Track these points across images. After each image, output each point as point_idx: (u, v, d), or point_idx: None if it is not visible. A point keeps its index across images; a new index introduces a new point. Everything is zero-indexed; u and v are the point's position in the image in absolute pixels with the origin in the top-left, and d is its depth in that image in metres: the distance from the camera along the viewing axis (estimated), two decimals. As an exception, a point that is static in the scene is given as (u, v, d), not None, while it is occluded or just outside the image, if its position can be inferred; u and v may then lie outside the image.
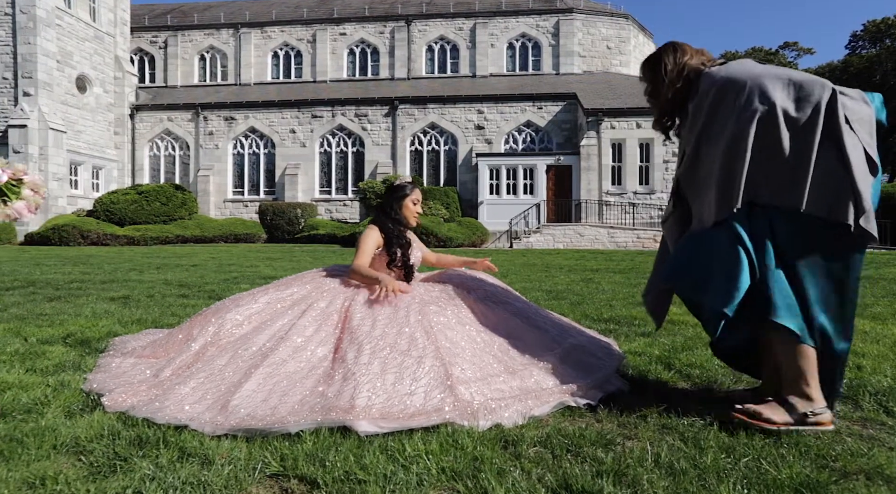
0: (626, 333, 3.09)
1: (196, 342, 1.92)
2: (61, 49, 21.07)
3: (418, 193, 2.53)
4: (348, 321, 1.92)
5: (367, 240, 2.41)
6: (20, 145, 19.94)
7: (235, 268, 8.02)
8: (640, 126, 19.10)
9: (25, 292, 4.77)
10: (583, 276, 7.07)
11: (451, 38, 25.16)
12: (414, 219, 2.50)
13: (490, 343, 1.92)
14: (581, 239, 17.52)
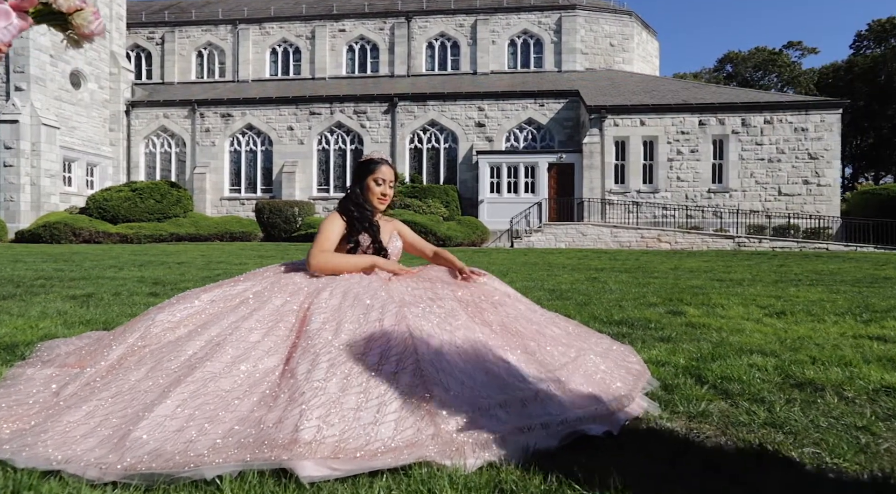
0: (641, 337, 2.70)
1: (116, 348, 1.53)
2: (55, 43, 20.69)
3: (386, 170, 2.15)
4: (305, 324, 1.52)
5: (327, 225, 2.04)
6: (11, 141, 19.58)
7: (223, 266, 7.63)
8: (643, 124, 18.71)
9: (-17, 289, 4.38)
10: (587, 275, 6.68)
11: (451, 34, 24.78)
12: (379, 201, 2.13)
13: (486, 357, 1.53)
14: (583, 239, 17.12)
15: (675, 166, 18.61)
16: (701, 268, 7.94)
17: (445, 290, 1.87)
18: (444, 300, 1.78)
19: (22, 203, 19.47)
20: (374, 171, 2.16)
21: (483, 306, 1.82)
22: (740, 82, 38.77)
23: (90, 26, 1.18)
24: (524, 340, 1.69)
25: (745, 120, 18.10)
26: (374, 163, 2.19)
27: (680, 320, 3.26)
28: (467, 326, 1.65)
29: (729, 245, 16.01)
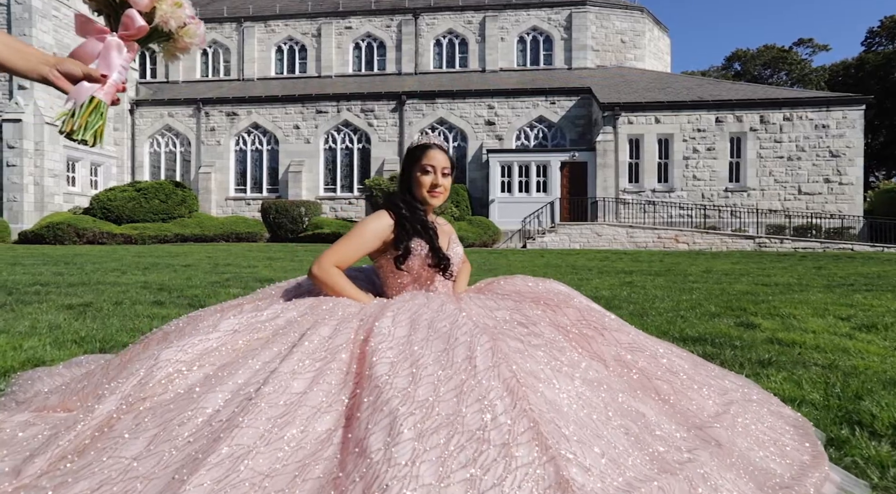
0: (734, 359, 2.27)
1: (107, 399, 1.11)
2: (58, 41, 20.40)
3: (437, 155, 1.70)
4: (367, 366, 1.10)
5: (364, 228, 1.64)
6: (15, 140, 19.27)
7: (231, 269, 7.23)
8: (658, 121, 18.24)
9: (-28, 297, 3.99)
10: (619, 279, 6.24)
11: (459, 31, 24.35)
12: (430, 195, 1.69)
13: (612, 406, 1.11)
14: (598, 239, 16.66)
15: (691, 165, 18.13)
16: (735, 271, 7.49)
17: (535, 311, 1.44)
18: (540, 326, 1.35)
19: (25, 203, 19.15)
20: (422, 157, 1.72)
21: (586, 332, 1.39)
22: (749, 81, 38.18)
23: (194, 40, 1.22)
24: (650, 379, 1.26)
25: (763, 117, 17.59)
26: (421, 148, 1.75)
27: (759, 335, 2.83)
28: (580, 363, 1.22)
29: (749, 246, 15.53)
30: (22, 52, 1.07)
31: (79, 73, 1.12)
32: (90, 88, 1.14)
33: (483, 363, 1.09)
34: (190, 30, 1.25)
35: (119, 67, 1.18)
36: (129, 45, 1.20)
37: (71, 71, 1.10)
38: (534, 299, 1.54)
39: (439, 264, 1.67)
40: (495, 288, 1.72)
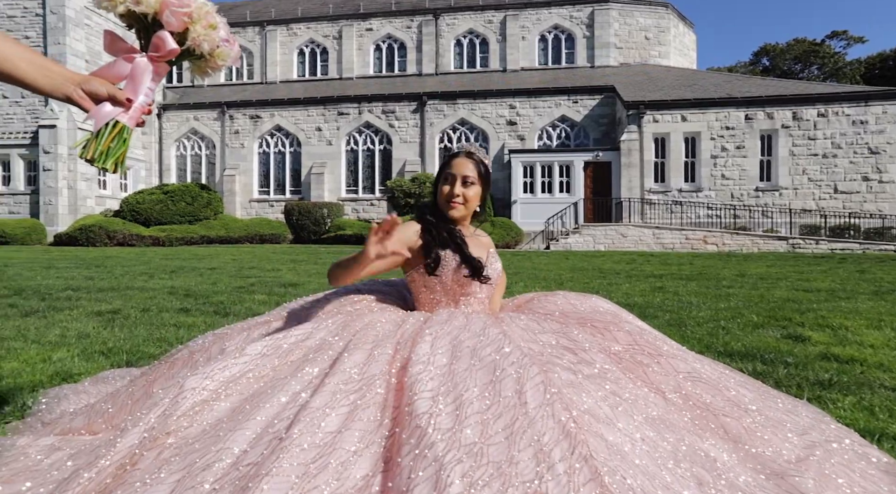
0: (789, 379, 2.11)
1: (129, 433, 1.04)
2: (90, 49, 20.98)
3: (460, 163, 1.64)
4: (406, 400, 1.01)
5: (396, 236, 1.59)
6: (50, 145, 19.89)
7: (255, 272, 7.26)
8: (685, 119, 17.80)
9: (4, 303, 4.05)
10: (650, 284, 6.05)
11: (480, 31, 24.21)
12: (448, 205, 1.62)
13: (680, 450, 0.99)
14: (623, 240, 16.33)
15: (720, 164, 17.63)
16: (771, 274, 7.20)
17: (582, 335, 1.33)
18: (590, 353, 1.24)
19: (60, 206, 19.74)
20: (445, 165, 1.67)
21: (640, 359, 1.27)
22: (778, 76, 37.02)
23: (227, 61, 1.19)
24: (716, 415, 1.14)
25: (796, 113, 17.00)
26: (448, 156, 1.70)
27: (811, 349, 2.66)
28: (639, 398, 1.11)
29: (782, 247, 15.01)
30: (47, 70, 1.03)
31: (104, 93, 1.07)
32: (112, 110, 1.09)
33: (534, 399, 0.98)
34: (223, 52, 1.20)
35: (146, 89, 1.12)
36: (158, 67, 1.14)
37: (96, 91, 1.06)
38: (579, 320, 1.43)
39: (474, 271, 1.57)
40: (535, 307, 1.61)
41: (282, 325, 1.53)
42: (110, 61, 1.14)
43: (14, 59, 0.99)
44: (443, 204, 1.65)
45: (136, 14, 1.11)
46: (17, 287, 5.10)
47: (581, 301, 1.58)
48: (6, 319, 3.43)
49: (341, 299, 1.66)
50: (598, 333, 1.36)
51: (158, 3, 1.09)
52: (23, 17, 20.29)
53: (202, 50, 1.15)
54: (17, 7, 20.32)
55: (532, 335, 1.33)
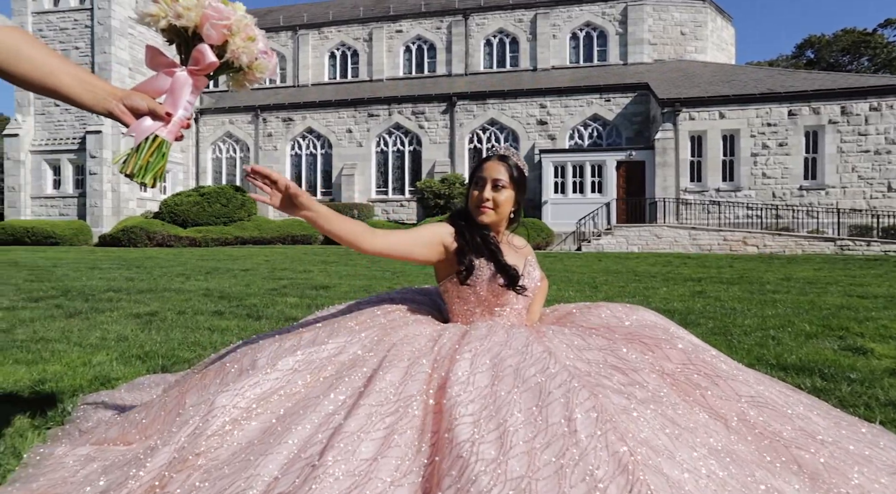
0: (864, 401, 1.94)
1: (159, 452, 1.01)
2: (133, 57, 21.80)
3: (490, 167, 1.56)
4: (445, 425, 0.94)
5: (423, 225, 1.56)
6: (96, 150, 20.77)
7: (287, 274, 7.35)
8: (723, 116, 17.19)
9: (51, 304, 4.20)
10: (688, 288, 5.82)
11: (510, 30, 24.02)
12: (477, 209, 1.55)
13: (750, 487, 0.89)
14: (658, 241, 15.89)
15: (760, 162, 16.95)
16: (820, 279, 6.83)
17: (632, 353, 1.23)
18: (642, 373, 1.15)
19: (104, 208, 20.59)
20: (476, 169, 1.61)
21: (697, 380, 1.17)
22: (824, 69, 35.37)
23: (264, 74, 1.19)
24: (787, 446, 1.03)
25: (844, 108, 16.18)
26: (481, 160, 1.63)
27: (876, 363, 2.46)
28: (699, 426, 1.01)
29: (829, 248, 14.30)
30: (90, 85, 1.05)
31: (144, 108, 1.09)
32: (152, 125, 1.10)
33: (585, 427, 0.90)
34: (261, 64, 1.20)
35: (186, 103, 1.14)
36: (197, 80, 1.15)
37: (137, 105, 1.08)
38: (627, 335, 1.33)
39: (509, 281, 1.50)
40: (578, 319, 1.52)
41: (313, 336, 1.49)
42: (151, 76, 1.16)
43: (59, 74, 1.01)
44: (473, 209, 1.58)
45: (176, 28, 1.13)
46: (64, 288, 5.29)
47: (628, 314, 1.48)
48: (52, 320, 3.54)
49: (374, 308, 1.61)
50: (648, 350, 1.26)
51: (199, 16, 1.10)
52: (73, 29, 21.26)
53: (241, 62, 1.16)
54: (68, 20, 21.32)
55: (577, 353, 1.24)
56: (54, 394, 1.91)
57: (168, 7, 1.11)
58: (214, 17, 1.10)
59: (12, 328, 3.25)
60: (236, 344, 1.60)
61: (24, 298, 4.55)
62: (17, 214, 21.22)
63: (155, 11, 1.12)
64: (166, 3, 1.12)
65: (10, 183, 21.54)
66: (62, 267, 8.17)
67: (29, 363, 2.34)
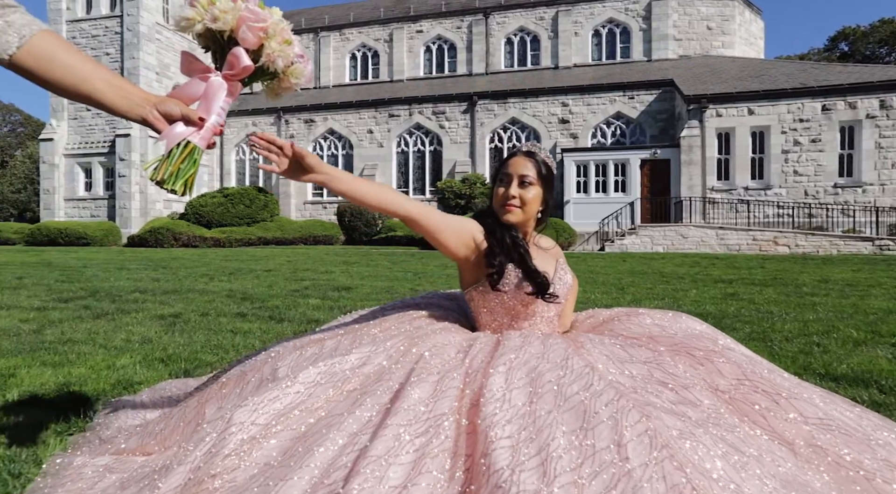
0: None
1: (172, 473, 0.96)
2: (160, 61, 22.30)
3: (516, 162, 1.47)
4: (480, 450, 0.86)
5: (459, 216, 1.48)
6: (125, 153, 21.31)
7: (309, 274, 7.37)
8: (752, 112, 16.68)
9: (80, 305, 4.26)
10: (720, 290, 5.61)
11: (531, 28, 23.79)
12: (502, 208, 1.46)
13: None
14: (684, 241, 15.50)
15: (792, 159, 16.40)
16: (860, 281, 6.53)
17: (679, 366, 1.13)
18: (693, 391, 1.05)
19: (132, 210, 21.11)
20: (502, 165, 1.52)
21: (755, 398, 1.07)
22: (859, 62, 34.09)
23: (300, 80, 1.15)
24: (871, 480, 0.92)
25: (884, 102, 15.53)
26: (507, 156, 1.54)
27: (932, 374, 2.28)
28: (763, 452, 0.90)
29: (866, 248, 13.74)
30: (124, 90, 1.02)
31: (178, 113, 1.06)
32: (184, 131, 1.07)
33: (638, 454, 0.81)
34: (297, 69, 1.17)
35: (219, 109, 1.11)
36: (232, 86, 1.12)
37: (170, 111, 1.05)
38: (672, 346, 1.23)
39: (538, 288, 1.40)
40: (617, 328, 1.42)
41: (335, 344, 1.42)
42: (186, 82, 1.13)
43: (93, 80, 0.99)
44: (497, 208, 1.48)
45: (212, 33, 1.11)
46: (92, 288, 5.38)
47: (671, 322, 1.38)
48: (80, 321, 3.58)
49: (399, 314, 1.53)
50: (697, 364, 1.16)
51: (235, 18, 1.07)
52: (104, 36, 21.86)
53: (276, 67, 1.13)
54: (99, 27, 21.92)
55: (619, 366, 1.15)
56: (78, 398, 1.89)
57: (204, 10, 1.09)
58: (251, 19, 1.07)
59: (42, 329, 3.29)
60: (257, 351, 1.55)
61: (54, 298, 4.63)
62: (52, 215, 21.91)
63: (191, 15, 1.09)
64: (203, 6, 1.09)
65: (45, 186, 22.25)
66: (92, 268, 8.36)
67: (55, 366, 2.34)
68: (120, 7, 21.83)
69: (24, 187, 37.58)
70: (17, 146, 42.10)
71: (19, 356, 2.52)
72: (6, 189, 38.01)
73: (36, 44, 0.94)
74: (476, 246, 1.43)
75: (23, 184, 37.72)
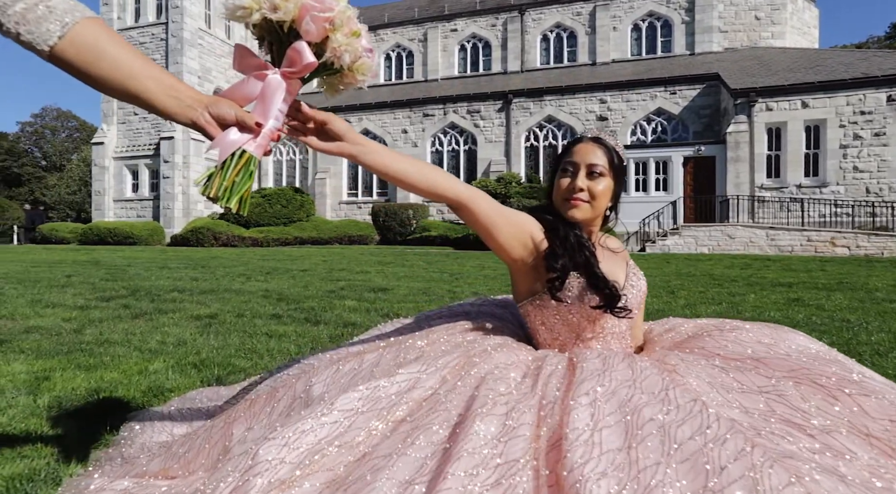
0: None
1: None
2: (202, 66, 22.96)
3: (584, 148, 1.26)
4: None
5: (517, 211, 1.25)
6: (168, 155, 22.03)
7: (344, 275, 7.30)
8: (806, 106, 15.75)
9: (120, 304, 4.27)
10: (781, 295, 5.19)
11: (567, 24, 23.28)
12: (566, 203, 1.25)
13: None
14: (731, 242, 14.77)
15: (851, 154, 15.39)
16: (938, 286, 5.94)
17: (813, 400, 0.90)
18: (837, 435, 0.81)
19: (175, 210, 21.81)
20: (565, 153, 1.30)
21: None
22: (924, 50, 31.79)
23: (366, 76, 1.04)
24: None
25: (954, 92, 14.37)
26: (569, 142, 1.32)
27: None
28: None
29: (935, 251, 12.73)
30: (174, 90, 0.90)
31: (232, 117, 0.92)
32: (239, 138, 0.93)
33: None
34: (364, 64, 1.02)
35: (277, 112, 0.96)
36: (291, 84, 0.97)
37: (223, 115, 0.92)
38: (789, 372, 0.99)
39: (607, 301, 1.18)
40: (708, 345, 1.18)
41: (376, 359, 1.25)
42: (239, 81, 0.99)
43: (142, 78, 0.88)
44: (560, 202, 1.26)
45: (270, 24, 0.95)
46: (133, 287, 5.45)
47: (778, 339, 1.14)
48: (118, 321, 3.56)
49: (447, 324, 1.35)
50: (829, 397, 0.92)
51: (298, 7, 0.92)
52: (150, 43, 22.67)
53: (342, 62, 0.98)
54: (146, 34, 22.76)
55: (725, 395, 0.92)
56: (107, 405, 1.80)
57: None
58: (315, 8, 0.91)
59: (82, 328, 3.27)
60: (290, 362, 1.40)
61: (97, 297, 4.69)
62: (102, 216, 22.89)
63: (248, 3, 0.94)
64: None
65: (96, 188, 23.27)
66: (135, 266, 8.56)
67: (88, 369, 2.27)
68: (165, 14, 22.58)
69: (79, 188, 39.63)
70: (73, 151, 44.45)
71: (56, 358, 2.47)
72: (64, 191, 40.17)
73: (80, 33, 0.82)
74: (535, 246, 1.22)
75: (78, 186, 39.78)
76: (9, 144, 42.51)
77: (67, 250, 14.53)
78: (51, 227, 21.98)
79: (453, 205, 1.17)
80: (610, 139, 1.29)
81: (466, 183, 1.20)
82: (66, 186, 40.61)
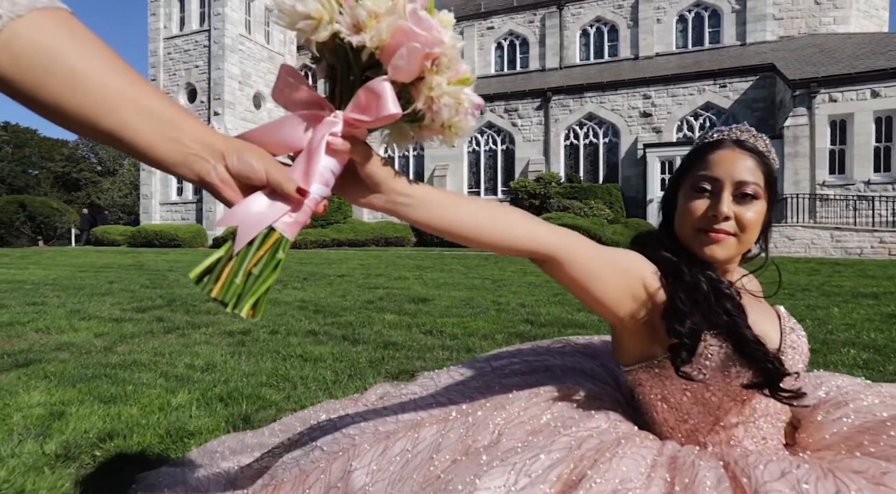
0: None
1: None
2: (242, 71, 23.44)
3: (726, 157, 0.89)
4: None
5: (619, 249, 0.88)
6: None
7: (382, 281, 7.07)
8: (876, 95, 14.56)
9: (154, 315, 4.15)
10: (871, 309, 4.60)
11: (608, 18, 22.51)
12: (700, 235, 0.89)
13: None
14: (790, 244, 13.79)
15: (927, 148, 14.12)
16: None
17: None
18: None
19: (217, 213, 22.32)
20: (697, 161, 0.92)
21: None
22: None
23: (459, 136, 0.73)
24: None
25: None
26: (701, 145, 0.94)
27: None
28: None
29: None
30: (176, 128, 0.55)
31: (260, 177, 0.59)
32: (269, 213, 0.60)
33: None
34: (461, 124, 0.68)
35: (329, 173, 0.62)
36: (353, 135, 0.62)
37: (246, 172, 0.58)
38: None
39: (768, 380, 0.81)
40: None
41: (436, 439, 0.93)
42: (279, 119, 0.64)
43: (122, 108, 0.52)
44: (689, 233, 0.90)
45: (342, 46, 0.59)
46: (171, 296, 5.36)
47: None
48: (151, 336, 3.41)
49: (528, 391, 1.02)
50: None
51: (391, 30, 0.57)
52: (194, 50, 23.32)
53: (439, 118, 0.64)
54: (190, 42, 23.43)
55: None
56: (116, 459, 1.56)
57: (336, 6, 0.57)
58: (419, 37, 0.57)
59: (113, 346, 3.13)
60: (323, 434, 1.10)
61: (134, 307, 4.60)
62: (149, 219, 23.70)
63: (315, 11, 0.58)
64: (337, 1, 0.58)
65: (144, 191, 24.12)
66: (176, 271, 8.61)
67: (107, 402, 2.07)
68: (208, 22, 23.16)
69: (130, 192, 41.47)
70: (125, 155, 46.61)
71: (77, 387, 2.28)
72: (116, 195, 42.13)
73: (22, 32, 0.47)
74: (648, 297, 0.85)
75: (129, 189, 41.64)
76: (69, 150, 44.93)
77: (116, 253, 14.99)
78: (103, 229, 22.92)
79: (538, 260, 0.81)
80: (759, 142, 0.93)
81: (555, 227, 0.81)
82: (119, 189, 42.57)
